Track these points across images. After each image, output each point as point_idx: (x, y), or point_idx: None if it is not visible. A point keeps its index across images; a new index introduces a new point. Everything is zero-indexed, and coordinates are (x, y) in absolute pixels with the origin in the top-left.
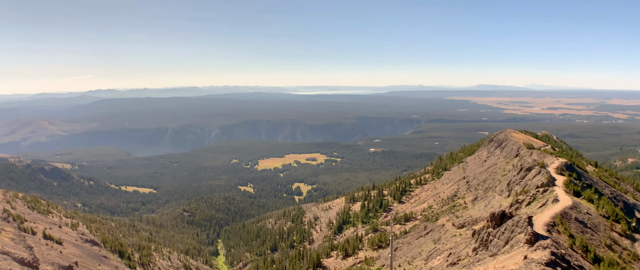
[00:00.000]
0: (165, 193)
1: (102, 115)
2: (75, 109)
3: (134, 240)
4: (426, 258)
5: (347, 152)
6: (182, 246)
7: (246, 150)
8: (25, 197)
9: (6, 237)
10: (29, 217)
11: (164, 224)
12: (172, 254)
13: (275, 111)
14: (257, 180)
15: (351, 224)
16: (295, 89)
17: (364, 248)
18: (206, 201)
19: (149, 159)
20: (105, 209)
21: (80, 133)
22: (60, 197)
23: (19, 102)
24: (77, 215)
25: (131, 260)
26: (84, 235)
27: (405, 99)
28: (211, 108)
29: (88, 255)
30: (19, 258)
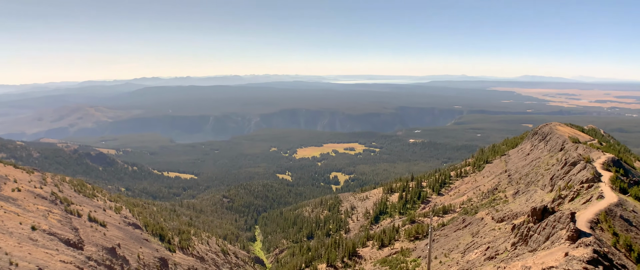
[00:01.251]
0: (205, 179)
1: (147, 103)
2: (121, 97)
3: (175, 224)
4: (463, 251)
5: (386, 143)
6: (221, 231)
7: (285, 139)
8: (72, 180)
9: (53, 219)
10: (75, 200)
11: (204, 209)
12: (210, 238)
13: (314, 100)
14: (295, 169)
15: (388, 214)
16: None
17: (400, 239)
18: (245, 188)
19: (190, 146)
20: (147, 193)
21: (125, 120)
22: (105, 181)
23: (67, 90)
24: (121, 199)
25: (171, 244)
26: (126, 218)
27: (447, 89)
28: (252, 96)
29: (130, 237)
30: (65, 239)
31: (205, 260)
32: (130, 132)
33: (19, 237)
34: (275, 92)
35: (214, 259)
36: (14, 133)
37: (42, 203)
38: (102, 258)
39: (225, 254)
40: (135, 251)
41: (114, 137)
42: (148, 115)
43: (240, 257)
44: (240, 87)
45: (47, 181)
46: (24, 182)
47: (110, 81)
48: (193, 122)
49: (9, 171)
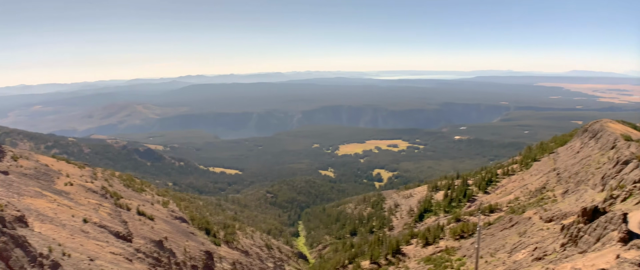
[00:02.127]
0: (249, 175)
1: (192, 100)
2: (167, 94)
3: (220, 218)
4: (510, 251)
5: (430, 139)
6: (265, 226)
7: (327, 135)
8: (121, 175)
9: (104, 212)
10: (124, 194)
11: (248, 204)
12: (255, 233)
13: (356, 96)
14: (337, 165)
15: (433, 212)
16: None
17: (445, 237)
18: (288, 184)
19: (235, 142)
20: (193, 188)
21: (172, 117)
22: (153, 176)
23: (116, 88)
24: (168, 194)
25: (216, 238)
26: (173, 212)
27: (493, 84)
28: (294, 93)
29: (177, 231)
30: (115, 231)
31: (250, 255)
32: (176, 129)
33: (71, 229)
34: (317, 89)
35: (258, 253)
36: (66, 130)
37: (93, 197)
38: (149, 250)
39: (269, 249)
40: (182, 244)
41: (161, 133)
42: (193, 113)
43: (284, 252)
44: (282, 84)
45: (98, 176)
46: (75, 176)
47: (156, 79)
48: (237, 118)
49: (62, 166)
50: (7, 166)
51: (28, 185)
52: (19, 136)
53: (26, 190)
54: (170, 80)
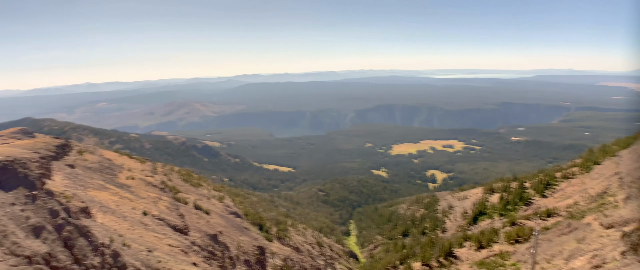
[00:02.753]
0: (302, 172)
1: (248, 98)
2: (224, 93)
3: (273, 214)
4: (567, 258)
5: (486, 140)
6: (316, 224)
7: (380, 135)
8: (180, 170)
9: (163, 205)
10: (182, 189)
11: (301, 201)
12: (306, 230)
13: (410, 95)
14: (390, 165)
15: (487, 215)
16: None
17: (499, 241)
18: (340, 182)
19: (288, 140)
20: (248, 184)
21: (229, 114)
22: (210, 172)
23: (175, 86)
24: (224, 189)
25: (269, 233)
26: (228, 207)
27: (553, 84)
28: (347, 92)
29: (231, 225)
30: (172, 224)
31: (301, 251)
32: (233, 126)
33: (131, 221)
34: (371, 88)
35: (310, 250)
36: (128, 126)
37: (153, 190)
38: (205, 243)
39: (321, 246)
40: (236, 239)
41: (218, 130)
42: (249, 111)
43: (335, 251)
44: (335, 83)
45: (158, 170)
46: (137, 171)
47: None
48: (290, 117)
49: (124, 161)
50: (73, 160)
51: (92, 178)
52: (85, 132)
53: (90, 183)
54: (226, 79)
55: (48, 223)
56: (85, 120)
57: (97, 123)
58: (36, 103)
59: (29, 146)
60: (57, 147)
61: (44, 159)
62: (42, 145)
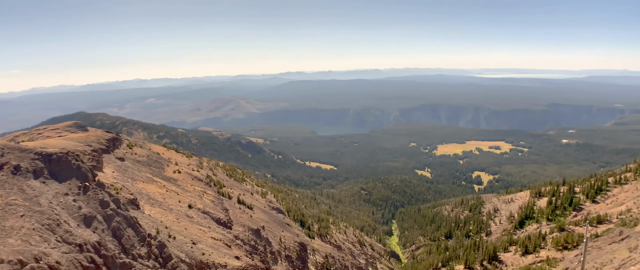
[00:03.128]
0: (344, 170)
1: (291, 96)
2: (269, 90)
3: (315, 212)
4: (618, 267)
5: (535, 142)
6: (358, 222)
7: (425, 134)
8: (224, 165)
9: (208, 199)
10: (226, 184)
11: (342, 199)
12: (348, 228)
13: (457, 95)
14: (434, 165)
15: (534, 220)
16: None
17: (546, 247)
18: (383, 182)
19: (331, 138)
20: (290, 181)
21: (272, 111)
22: (253, 167)
23: (221, 83)
24: (267, 185)
25: (311, 230)
26: (271, 203)
27: (607, 85)
28: (391, 90)
29: (273, 221)
30: (217, 218)
31: (342, 249)
32: (276, 123)
33: (177, 213)
34: (416, 86)
35: (351, 248)
36: (176, 121)
37: (198, 184)
38: (247, 238)
39: (362, 245)
40: (278, 234)
41: (262, 127)
42: (293, 108)
43: (376, 250)
44: (379, 81)
45: (203, 165)
46: (183, 165)
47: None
48: (334, 115)
49: (172, 155)
50: (123, 153)
51: (141, 171)
52: (134, 126)
53: (139, 176)
54: (271, 77)
55: (98, 213)
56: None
57: (147, 118)
58: (89, 98)
59: (82, 139)
60: (108, 141)
61: (96, 152)
62: (94, 139)
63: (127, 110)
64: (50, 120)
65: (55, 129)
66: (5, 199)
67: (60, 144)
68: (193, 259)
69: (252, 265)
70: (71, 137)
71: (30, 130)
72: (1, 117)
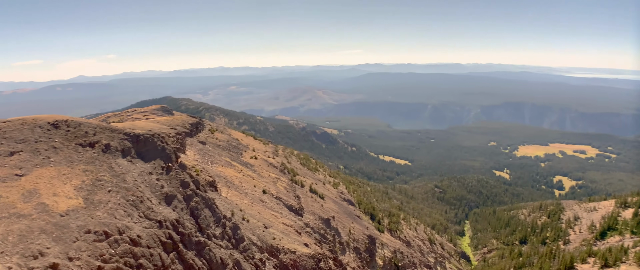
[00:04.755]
0: (419, 166)
1: (368, 88)
2: (345, 81)
3: (386, 206)
4: None
5: (624, 148)
6: (430, 220)
7: (506, 134)
8: (298, 154)
9: (281, 186)
10: (300, 172)
11: (415, 196)
12: (418, 225)
13: (542, 94)
14: (514, 167)
15: (617, 231)
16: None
17: (628, 261)
18: (458, 180)
19: (407, 132)
20: (363, 173)
21: (348, 103)
22: (327, 158)
23: (300, 73)
24: (339, 176)
25: (381, 224)
26: (342, 194)
27: None
28: (472, 86)
29: (344, 212)
30: (289, 204)
31: (411, 246)
32: (351, 115)
33: (252, 197)
34: (499, 83)
35: (420, 246)
36: (255, 109)
37: (273, 171)
38: (317, 226)
39: (432, 243)
40: (347, 225)
41: (337, 118)
42: (369, 100)
43: (446, 249)
44: (460, 76)
45: (279, 153)
46: (260, 151)
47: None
48: (411, 109)
49: (250, 141)
50: (205, 137)
51: (220, 155)
52: (216, 112)
53: (218, 160)
54: (349, 68)
55: (179, 193)
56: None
57: (228, 104)
58: (176, 83)
59: (167, 122)
60: (192, 125)
61: (180, 135)
62: (178, 123)
63: (210, 97)
64: (139, 103)
65: (144, 111)
66: (96, 174)
67: (148, 126)
68: (264, 243)
69: (320, 254)
70: (158, 120)
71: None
72: (95, 99)
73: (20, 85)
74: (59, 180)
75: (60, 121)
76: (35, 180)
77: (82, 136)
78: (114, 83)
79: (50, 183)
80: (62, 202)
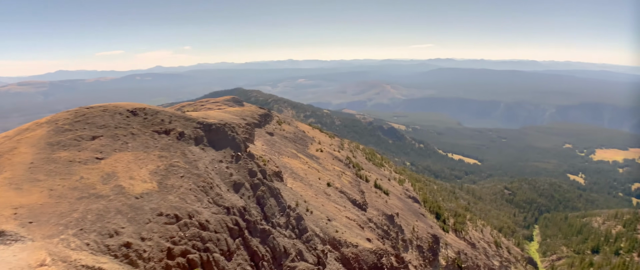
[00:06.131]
0: (488, 166)
1: (438, 83)
2: (415, 76)
3: (452, 206)
4: None
5: None
6: (497, 223)
7: (583, 136)
8: (364, 149)
9: (345, 180)
10: (365, 167)
11: (483, 196)
12: (485, 227)
13: (624, 95)
14: (590, 171)
15: None
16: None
17: None
18: (529, 183)
19: (477, 131)
20: (430, 171)
21: (417, 98)
22: (393, 153)
23: (368, 67)
24: (405, 173)
25: (446, 224)
26: (407, 191)
27: None
28: (548, 85)
29: (408, 209)
30: (352, 199)
31: (476, 248)
32: (420, 111)
33: (316, 189)
34: (577, 82)
35: (486, 248)
36: (322, 102)
37: (338, 164)
38: (380, 222)
39: (498, 247)
40: (411, 223)
41: (405, 113)
42: (438, 96)
43: (513, 254)
44: (536, 74)
45: (344, 146)
46: (326, 144)
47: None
48: (482, 106)
49: (316, 134)
50: (273, 128)
51: (287, 146)
52: (284, 104)
53: (285, 151)
54: (419, 62)
55: (246, 181)
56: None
57: (296, 97)
58: (247, 75)
59: (238, 113)
60: (261, 116)
61: (249, 125)
62: (248, 113)
63: (279, 89)
64: (212, 93)
65: (216, 101)
66: (170, 160)
67: (219, 116)
68: (326, 235)
69: (383, 249)
70: (229, 110)
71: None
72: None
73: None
74: (135, 164)
75: (138, 109)
76: (113, 163)
77: (159, 124)
78: (189, 74)
79: (127, 167)
80: (137, 185)
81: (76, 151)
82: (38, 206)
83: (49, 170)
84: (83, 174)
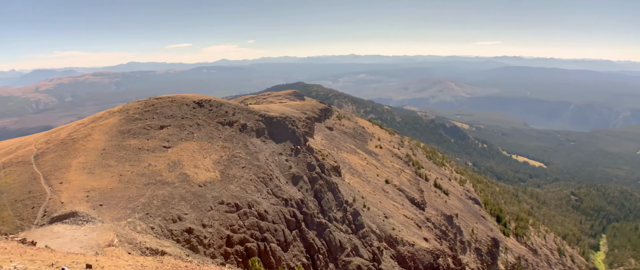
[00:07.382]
0: (555, 170)
1: (504, 82)
2: (480, 74)
3: (514, 209)
4: None
5: None
6: (561, 229)
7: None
8: (425, 147)
9: (404, 177)
10: (425, 165)
11: (547, 201)
12: (548, 233)
13: None
14: None
15: None
16: None
17: None
18: (598, 189)
19: (544, 132)
20: (492, 173)
21: (482, 97)
22: (454, 153)
23: (432, 63)
24: (466, 173)
25: (507, 228)
26: (468, 192)
27: None
28: (624, 86)
29: (468, 211)
30: (411, 197)
31: (538, 254)
32: (484, 110)
33: (374, 186)
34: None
35: (548, 255)
36: (383, 98)
37: (397, 162)
38: (439, 222)
39: (561, 255)
40: (470, 225)
41: (469, 112)
42: (504, 95)
43: (577, 263)
44: (610, 74)
45: (404, 144)
46: (385, 141)
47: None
48: (551, 107)
49: (376, 130)
50: (333, 123)
51: (346, 141)
52: (345, 99)
53: (344, 146)
54: (485, 60)
55: (305, 174)
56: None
57: (356, 92)
58: (308, 70)
59: (298, 107)
60: (321, 111)
61: (309, 120)
62: (309, 108)
63: (340, 84)
64: (275, 87)
65: (278, 95)
66: (232, 151)
67: (280, 109)
68: (383, 232)
69: (440, 250)
70: (290, 104)
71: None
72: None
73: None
74: (200, 153)
75: (204, 100)
76: (179, 152)
77: (223, 115)
78: (253, 67)
79: (192, 156)
80: (201, 174)
81: (145, 139)
82: (108, 190)
83: (119, 157)
84: (151, 161)
